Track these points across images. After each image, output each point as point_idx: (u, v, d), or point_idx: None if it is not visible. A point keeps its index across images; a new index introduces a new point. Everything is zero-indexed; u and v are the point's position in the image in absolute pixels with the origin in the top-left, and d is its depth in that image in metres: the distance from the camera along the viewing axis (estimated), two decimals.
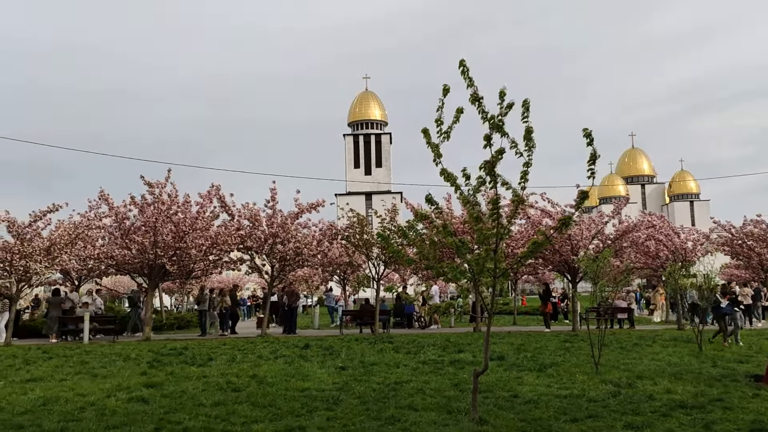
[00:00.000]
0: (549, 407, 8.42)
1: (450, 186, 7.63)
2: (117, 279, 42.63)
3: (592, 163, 7.08)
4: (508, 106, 7.08)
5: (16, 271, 19.63)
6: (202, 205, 21.14)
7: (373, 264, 23.18)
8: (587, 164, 7.09)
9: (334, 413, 8.15)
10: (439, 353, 14.82)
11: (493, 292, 8.00)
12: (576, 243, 22.12)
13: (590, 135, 6.97)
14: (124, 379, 11.31)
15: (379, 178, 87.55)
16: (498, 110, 7.13)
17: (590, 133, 6.97)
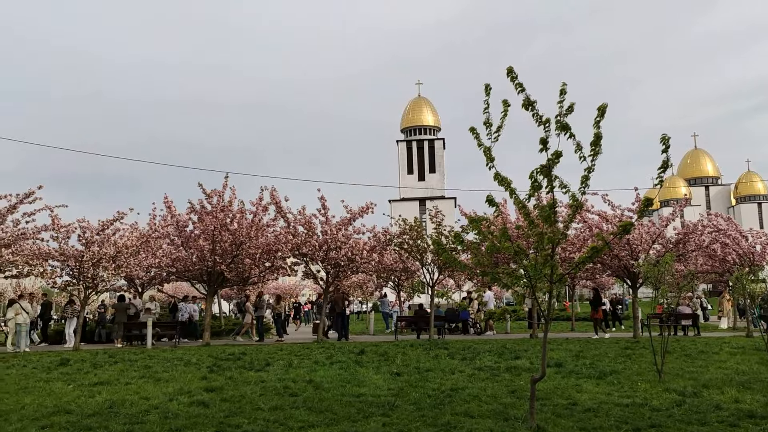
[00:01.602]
0: (609, 416, 8.20)
1: (504, 190, 7.53)
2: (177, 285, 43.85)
3: (663, 170, 6.81)
4: (568, 109, 6.93)
5: (85, 278, 20.45)
6: (255, 213, 21.57)
7: (427, 270, 23.13)
8: (657, 170, 6.82)
9: (389, 419, 8.15)
10: (495, 359, 14.65)
11: (550, 297, 7.86)
12: (636, 247, 21.50)
13: (667, 141, 6.70)
14: (185, 383, 11.60)
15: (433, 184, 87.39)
16: (558, 109, 6.98)
17: (668, 140, 6.70)
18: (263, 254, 21.94)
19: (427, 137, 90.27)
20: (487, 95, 7.24)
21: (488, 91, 7.23)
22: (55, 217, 20.44)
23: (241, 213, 21.47)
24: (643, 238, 21.53)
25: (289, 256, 23.03)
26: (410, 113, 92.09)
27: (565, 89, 7.04)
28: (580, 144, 7.01)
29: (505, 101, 7.22)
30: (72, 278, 20.98)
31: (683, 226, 22.76)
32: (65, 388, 11.15)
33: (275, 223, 22.36)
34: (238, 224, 21.18)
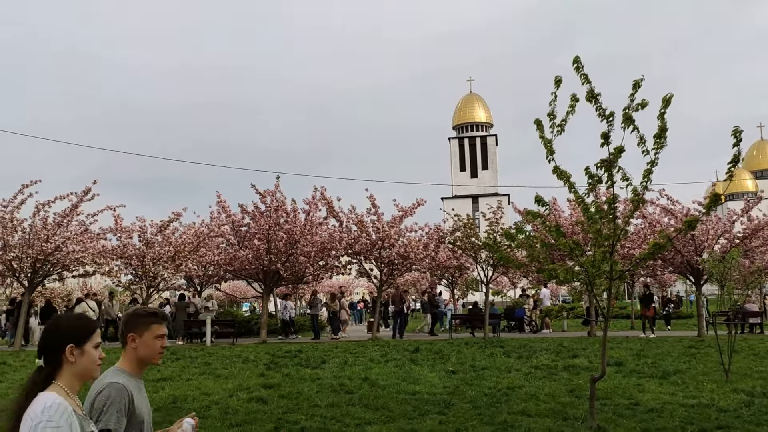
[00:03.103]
0: (674, 416, 7.95)
1: (563, 184, 7.39)
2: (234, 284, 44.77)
3: (734, 165, 6.52)
4: (641, 104, 6.70)
5: (146, 276, 21.13)
6: (308, 212, 21.82)
7: (481, 267, 22.93)
8: (728, 165, 6.54)
9: (445, 417, 8.11)
10: (552, 358, 14.39)
11: (609, 294, 7.67)
12: (700, 243, 20.76)
13: (739, 135, 6.42)
14: (243, 379, 11.84)
15: (486, 181, 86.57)
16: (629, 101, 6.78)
17: (740, 133, 6.42)
18: (317, 253, 22.18)
19: (479, 134, 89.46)
20: (556, 87, 7.10)
21: (558, 84, 7.10)
22: (117, 216, 21.25)
23: (295, 212, 21.76)
24: (708, 233, 20.78)
25: (343, 254, 23.19)
26: (462, 110, 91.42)
27: (640, 83, 6.82)
28: (644, 137, 6.80)
29: (574, 95, 7.07)
30: (135, 277, 21.71)
31: (750, 220, 21.84)
32: None
33: (327, 222, 22.58)
34: (292, 223, 21.48)
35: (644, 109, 6.75)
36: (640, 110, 6.76)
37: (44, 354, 2.20)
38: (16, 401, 2.14)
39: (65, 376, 2.19)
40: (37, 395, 2.11)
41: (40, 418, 2.02)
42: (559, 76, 7.14)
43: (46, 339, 2.23)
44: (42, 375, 2.17)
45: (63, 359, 2.19)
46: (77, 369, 2.22)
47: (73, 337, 2.22)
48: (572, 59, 7.03)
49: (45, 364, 2.19)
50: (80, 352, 2.22)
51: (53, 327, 2.26)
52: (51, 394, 2.11)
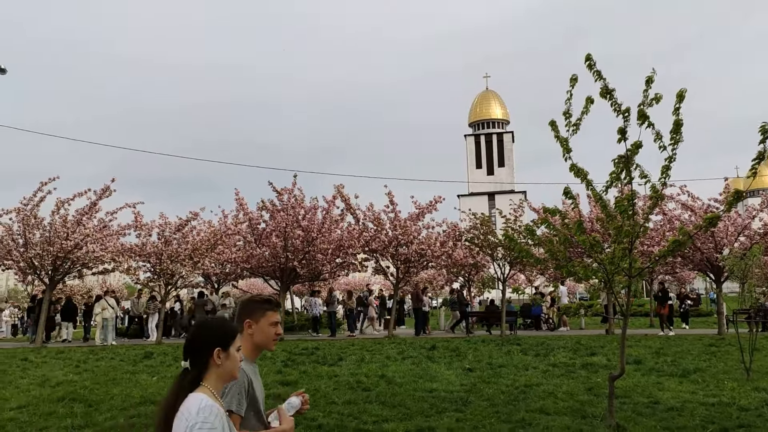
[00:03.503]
0: (694, 415, 7.87)
1: (581, 182, 7.33)
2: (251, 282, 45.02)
3: (759, 161, 6.40)
4: (654, 99, 6.63)
5: (164, 274, 21.31)
6: (327, 210, 21.86)
7: (498, 265, 22.84)
8: (752, 161, 6.43)
9: (463, 415, 8.10)
10: (570, 356, 14.30)
11: (628, 292, 7.61)
12: (720, 240, 20.50)
13: (767, 131, 6.31)
14: (261, 376, 11.88)
15: (502, 178, 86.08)
16: (643, 97, 6.72)
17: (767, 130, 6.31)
18: (334, 250, 22.22)
19: (495, 131, 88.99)
20: (571, 86, 7.05)
21: (573, 83, 7.05)
22: (137, 213, 21.46)
23: (313, 209, 21.81)
24: (728, 230, 20.51)
25: (360, 252, 23.21)
26: (478, 107, 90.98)
27: (653, 78, 6.75)
28: (660, 133, 6.73)
29: (589, 98, 7.02)
30: (153, 274, 21.91)
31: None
32: (150, 380, 11.65)
33: (344, 219, 22.60)
34: (309, 221, 21.53)
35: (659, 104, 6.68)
36: (654, 105, 6.69)
37: (191, 357, 2.28)
38: (166, 402, 2.22)
39: (211, 378, 2.27)
40: (186, 396, 2.18)
41: (196, 419, 2.09)
42: (575, 75, 7.08)
43: (194, 342, 2.31)
44: (189, 377, 2.24)
45: (210, 362, 2.26)
46: (222, 371, 2.29)
47: (220, 340, 2.29)
48: (584, 57, 6.98)
49: (191, 367, 2.26)
50: (226, 356, 2.29)
51: (200, 331, 2.34)
52: (202, 395, 2.18)
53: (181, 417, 2.13)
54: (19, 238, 20.87)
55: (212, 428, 2.09)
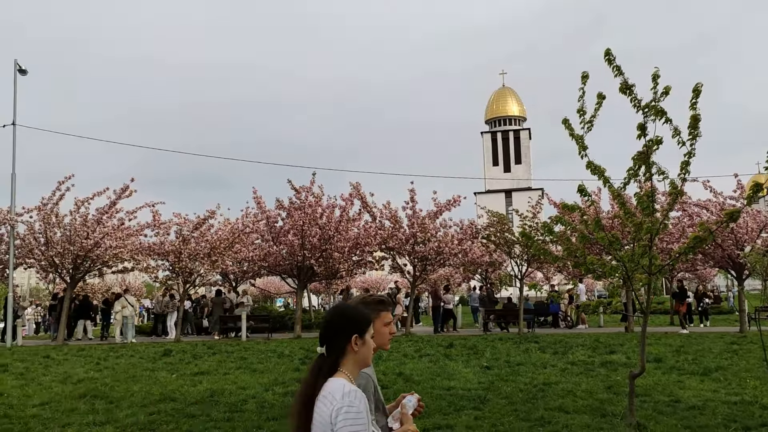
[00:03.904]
0: (716, 414, 7.77)
1: (598, 179, 7.27)
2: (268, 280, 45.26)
3: None
4: (664, 92, 6.58)
5: (183, 272, 21.48)
6: (344, 208, 21.87)
7: (515, 262, 22.72)
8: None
9: (481, 413, 8.07)
10: (589, 354, 14.20)
11: (648, 289, 7.52)
12: (741, 236, 20.22)
13: None
14: (279, 374, 11.95)
15: (519, 175, 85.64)
16: (652, 95, 6.66)
17: None
18: (351, 248, 22.24)
19: (512, 128, 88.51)
20: (583, 83, 7.00)
21: (585, 80, 6.99)
22: (156, 212, 21.66)
23: (331, 208, 21.84)
24: (749, 226, 20.23)
25: (377, 249, 23.21)
26: (494, 104, 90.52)
27: (658, 73, 6.70)
28: (678, 129, 6.65)
29: (600, 94, 6.96)
30: (172, 273, 22.09)
31: None
32: (169, 378, 11.75)
33: (360, 217, 22.61)
34: (327, 219, 21.57)
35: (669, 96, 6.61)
36: (663, 98, 6.62)
37: (328, 342, 2.30)
38: (304, 387, 2.26)
39: (348, 363, 2.29)
40: (324, 382, 2.22)
41: (341, 402, 2.12)
42: (586, 72, 7.03)
43: (331, 328, 2.33)
44: (328, 362, 2.28)
45: (347, 348, 2.29)
46: (359, 357, 2.32)
47: (357, 327, 2.32)
48: (604, 51, 6.91)
49: (328, 353, 2.29)
50: (362, 342, 2.31)
51: (338, 318, 2.36)
52: (343, 380, 2.22)
53: (324, 401, 2.17)
54: (41, 237, 21.15)
55: (358, 412, 2.12)
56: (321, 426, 2.15)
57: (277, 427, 7.49)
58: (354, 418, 2.10)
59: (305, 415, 2.20)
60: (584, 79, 7.06)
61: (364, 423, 2.12)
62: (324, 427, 2.14)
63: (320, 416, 2.16)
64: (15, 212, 21.21)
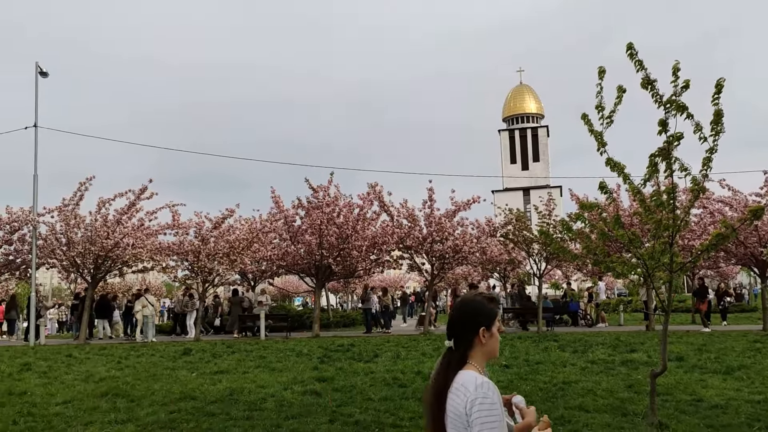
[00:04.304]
0: (739, 413, 7.66)
1: (617, 176, 7.19)
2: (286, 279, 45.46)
3: None
4: (684, 87, 6.50)
5: (202, 271, 21.65)
6: (362, 207, 21.89)
7: (534, 260, 22.59)
8: None
9: None
10: (609, 353, 14.07)
11: (670, 288, 7.43)
12: (765, 233, 19.91)
13: None
14: (298, 373, 11.99)
15: (537, 173, 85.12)
16: (672, 88, 6.57)
17: None
18: (369, 247, 22.26)
19: (529, 125, 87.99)
20: (600, 79, 6.92)
21: (602, 75, 6.92)
22: (175, 212, 21.86)
23: (348, 207, 21.87)
24: None
25: (394, 248, 23.21)
26: (512, 101, 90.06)
27: (679, 66, 6.61)
28: (700, 124, 6.56)
29: (620, 87, 6.88)
30: (191, 272, 22.28)
31: None
32: (189, 376, 11.84)
33: (378, 216, 22.64)
34: (345, 218, 21.60)
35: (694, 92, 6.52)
36: (684, 93, 6.53)
37: (456, 336, 2.34)
38: (436, 380, 2.31)
39: (476, 356, 2.34)
40: (455, 374, 2.27)
41: (475, 394, 2.16)
42: (603, 67, 6.96)
43: (459, 322, 2.37)
44: (456, 355, 2.32)
45: (475, 341, 2.33)
46: (486, 350, 2.36)
47: (485, 320, 2.36)
48: (626, 46, 6.83)
49: (456, 346, 2.33)
50: (489, 335, 2.35)
51: (466, 310, 2.40)
52: (474, 372, 2.26)
53: (457, 393, 2.20)
54: (62, 237, 21.43)
55: (492, 403, 2.15)
56: (455, 417, 2.19)
57: (296, 426, 7.52)
58: (489, 409, 2.13)
59: (438, 408, 2.25)
60: (601, 75, 6.99)
61: (498, 414, 2.15)
62: (459, 418, 2.17)
63: (454, 408, 2.20)
64: (36, 213, 21.52)
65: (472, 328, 2.32)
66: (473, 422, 2.12)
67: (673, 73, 6.62)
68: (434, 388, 2.30)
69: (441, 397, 2.25)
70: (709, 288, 26.41)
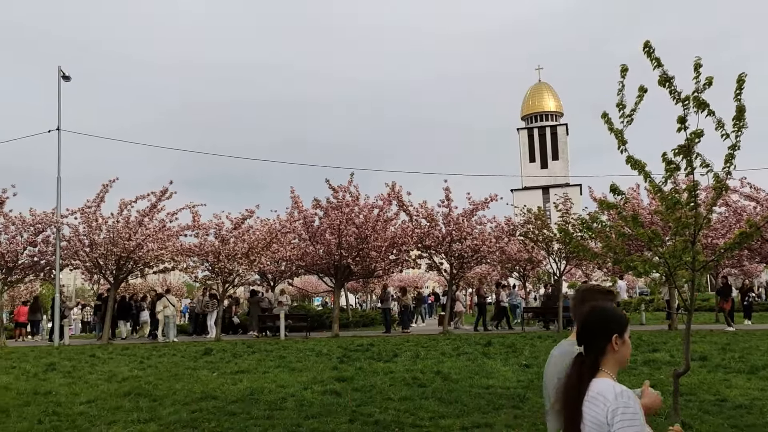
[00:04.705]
0: (764, 413, 7.55)
1: (638, 174, 7.12)
2: (306, 279, 45.64)
3: None
4: (706, 84, 6.41)
5: (222, 272, 21.81)
6: (382, 208, 21.91)
7: (553, 259, 22.44)
8: None
9: (521, 411, 7.99)
10: (631, 352, 13.91)
11: (692, 286, 7.34)
12: None
13: None
14: (318, 372, 12.03)
15: (556, 171, 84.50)
16: (694, 85, 6.49)
17: None
18: (388, 247, 22.28)
19: (548, 123, 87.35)
20: (622, 77, 6.87)
21: (624, 72, 6.86)
22: (195, 213, 22.05)
23: (368, 208, 21.90)
24: None
25: (413, 248, 23.21)
26: (530, 100, 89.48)
27: (700, 62, 6.53)
28: (722, 121, 6.47)
29: (642, 87, 6.82)
30: (211, 273, 22.45)
31: None
32: (210, 376, 11.94)
33: (397, 216, 22.64)
34: (365, 218, 21.63)
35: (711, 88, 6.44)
36: (707, 89, 6.45)
37: (587, 342, 2.33)
38: (568, 387, 2.30)
39: (609, 363, 2.32)
40: (589, 382, 2.26)
41: (616, 403, 2.15)
42: (625, 65, 6.90)
43: (590, 329, 2.36)
44: (588, 363, 2.30)
45: (608, 348, 2.32)
46: (618, 357, 2.34)
47: (618, 327, 2.35)
48: (643, 43, 6.77)
49: (587, 352, 2.31)
50: (622, 342, 2.34)
51: (599, 318, 2.38)
52: (610, 381, 2.25)
53: (595, 402, 2.19)
54: (85, 239, 21.73)
55: (634, 413, 2.14)
56: (595, 427, 2.17)
57: (316, 425, 7.55)
58: (631, 419, 2.12)
59: (574, 417, 2.23)
60: (623, 72, 6.93)
61: (640, 423, 2.14)
62: (599, 427, 2.16)
63: (593, 417, 2.18)
64: (60, 215, 21.84)
65: (604, 335, 2.30)
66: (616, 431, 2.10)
67: (694, 69, 6.55)
68: (568, 397, 2.28)
69: (576, 405, 2.23)
70: (733, 286, 26.00)
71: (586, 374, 2.25)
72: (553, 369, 2.74)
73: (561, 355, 2.73)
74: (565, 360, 2.53)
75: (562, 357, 2.68)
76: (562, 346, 2.84)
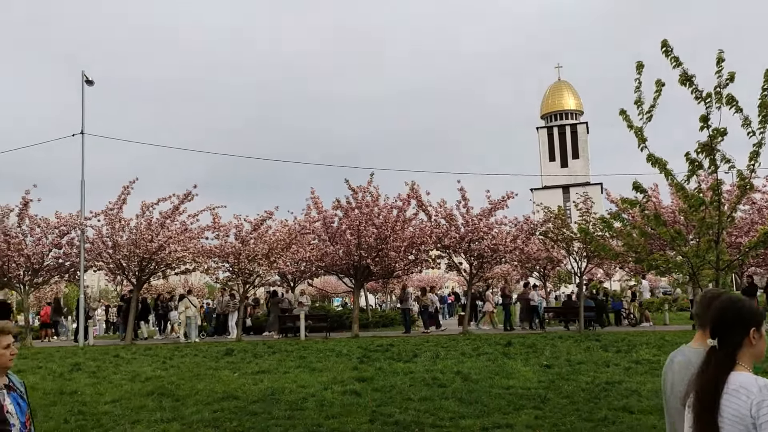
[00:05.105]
0: None
1: (659, 172, 7.04)
2: (325, 280, 45.77)
3: None
4: (729, 78, 6.32)
5: (242, 273, 21.97)
6: (401, 208, 21.91)
7: (574, 259, 22.27)
8: None
9: (542, 412, 7.95)
10: (654, 353, 13.78)
11: (717, 286, 7.24)
12: None
13: None
14: (338, 373, 12.07)
15: (576, 170, 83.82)
16: (717, 80, 6.40)
17: None
18: (407, 247, 22.28)
19: (568, 122, 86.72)
20: (638, 74, 6.80)
21: (640, 69, 6.80)
22: (216, 215, 22.25)
23: (388, 208, 21.92)
24: None
25: (432, 248, 23.18)
26: (550, 98, 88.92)
27: (723, 57, 6.44)
28: (748, 117, 6.38)
29: (659, 81, 6.75)
30: (231, 274, 22.63)
31: None
32: (231, 376, 12.03)
33: (416, 216, 22.63)
34: (385, 218, 21.65)
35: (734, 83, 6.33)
36: (729, 84, 6.35)
37: (723, 336, 2.32)
38: (703, 381, 2.27)
39: (745, 357, 2.30)
40: (726, 375, 2.24)
41: (761, 396, 2.14)
42: (641, 62, 6.83)
43: (726, 322, 2.34)
44: (722, 356, 2.29)
45: (744, 342, 2.31)
46: (755, 351, 2.33)
47: (755, 320, 2.33)
48: (660, 43, 6.70)
49: (721, 346, 2.30)
50: (759, 335, 2.33)
51: (735, 311, 2.36)
52: (751, 374, 2.24)
53: (737, 395, 2.18)
54: (108, 241, 22.02)
55: None
56: (736, 420, 2.15)
57: (336, 425, 7.58)
58: None
59: (712, 411, 2.20)
60: (639, 69, 6.87)
61: None
62: (741, 420, 2.14)
63: (733, 410, 2.16)
64: (84, 217, 22.16)
65: (741, 329, 2.28)
66: (762, 425, 2.09)
67: (717, 63, 6.46)
68: (704, 390, 2.24)
69: (714, 399, 2.20)
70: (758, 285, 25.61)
71: (723, 368, 2.23)
72: (678, 377, 2.66)
73: (686, 363, 2.64)
74: (690, 369, 2.48)
75: (687, 366, 2.59)
76: (684, 353, 2.76)
